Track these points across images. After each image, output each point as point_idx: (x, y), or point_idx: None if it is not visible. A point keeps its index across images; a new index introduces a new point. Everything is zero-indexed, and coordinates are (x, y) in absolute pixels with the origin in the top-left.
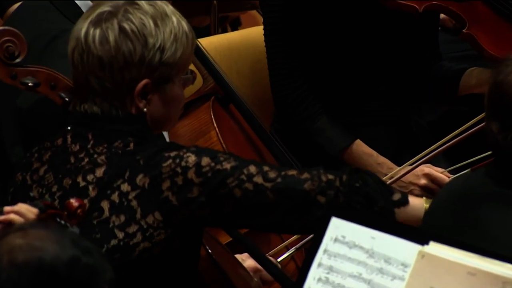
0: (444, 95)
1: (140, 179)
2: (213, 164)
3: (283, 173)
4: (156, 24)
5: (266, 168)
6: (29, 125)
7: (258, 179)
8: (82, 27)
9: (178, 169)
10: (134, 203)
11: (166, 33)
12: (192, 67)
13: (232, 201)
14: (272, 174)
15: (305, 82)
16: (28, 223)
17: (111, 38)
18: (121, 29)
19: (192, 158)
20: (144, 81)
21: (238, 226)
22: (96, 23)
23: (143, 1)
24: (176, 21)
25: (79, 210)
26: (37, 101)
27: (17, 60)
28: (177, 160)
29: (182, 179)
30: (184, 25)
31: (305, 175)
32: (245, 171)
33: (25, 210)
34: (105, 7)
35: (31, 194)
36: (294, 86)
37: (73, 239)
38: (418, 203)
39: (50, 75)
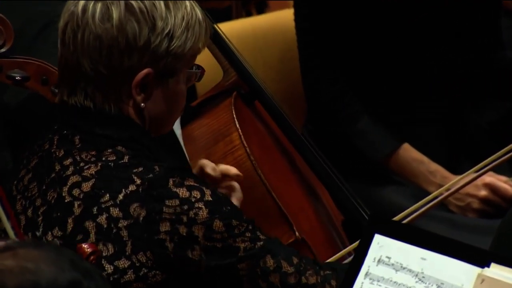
0: (508, 91)
1: (134, 208)
2: (226, 234)
3: (303, 280)
4: (167, 7)
5: (285, 266)
6: (19, 125)
7: (275, 279)
8: (79, 1)
9: (184, 218)
10: (124, 233)
11: (178, 19)
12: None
13: (235, 281)
14: (291, 279)
15: (343, 74)
16: (17, 241)
17: (115, 15)
18: (128, 6)
19: (203, 214)
20: (145, 71)
21: None
22: None
23: None
24: (190, 6)
25: (91, 257)
26: (28, 97)
27: (2, 50)
28: (185, 207)
29: (186, 231)
30: (198, 12)
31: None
32: (261, 263)
33: None
34: None
35: (16, 208)
36: (330, 80)
37: (72, 260)
38: None
39: (41, 68)
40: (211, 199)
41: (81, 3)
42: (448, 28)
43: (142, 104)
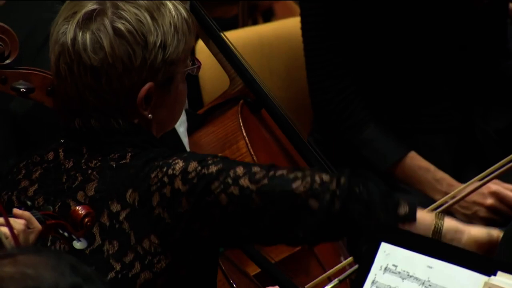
0: None
1: (129, 195)
2: (199, 168)
3: (271, 172)
4: (153, 18)
5: (255, 169)
6: (25, 133)
7: (245, 182)
8: (68, 31)
9: (165, 179)
10: (125, 225)
11: (166, 26)
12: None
13: (218, 210)
14: (259, 175)
15: (351, 83)
16: (16, 248)
17: (106, 43)
18: (116, 31)
19: (179, 165)
20: (147, 86)
21: (232, 241)
22: (84, 25)
23: None
24: (173, 7)
25: (86, 219)
26: (35, 106)
27: (7, 61)
28: (164, 169)
29: (170, 190)
30: (182, 9)
31: (295, 174)
32: (231, 173)
33: (12, 221)
34: (90, 4)
35: None
36: (338, 88)
37: (72, 264)
38: (427, 220)
39: (46, 79)
40: (186, 154)
41: (69, 35)
42: (454, 36)
43: (150, 116)
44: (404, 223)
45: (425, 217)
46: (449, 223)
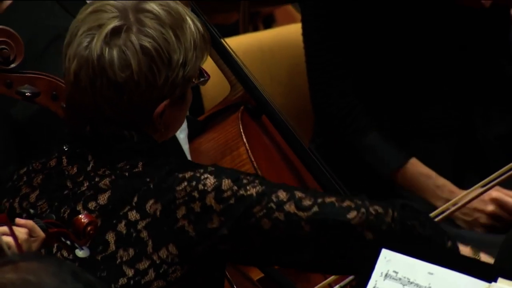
0: None
1: (150, 205)
2: (235, 188)
3: (319, 200)
4: (177, 37)
5: (298, 194)
6: (28, 138)
7: (290, 208)
8: (93, 46)
9: (195, 194)
10: (144, 234)
11: (187, 44)
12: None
13: (259, 234)
14: (306, 202)
15: (352, 87)
16: (18, 254)
17: (134, 61)
18: (144, 50)
19: (210, 181)
20: (164, 103)
21: (269, 263)
22: (111, 41)
23: (151, 3)
24: (192, 23)
25: (89, 228)
26: (39, 111)
27: (13, 65)
28: (193, 183)
29: (200, 205)
30: (198, 24)
31: (347, 203)
32: (273, 197)
33: (15, 230)
34: (116, 20)
35: None
36: (339, 93)
37: (74, 271)
38: (465, 254)
39: (52, 83)
40: (213, 168)
41: (95, 49)
42: (454, 36)
43: (162, 130)
44: None
45: (463, 251)
46: (484, 258)
